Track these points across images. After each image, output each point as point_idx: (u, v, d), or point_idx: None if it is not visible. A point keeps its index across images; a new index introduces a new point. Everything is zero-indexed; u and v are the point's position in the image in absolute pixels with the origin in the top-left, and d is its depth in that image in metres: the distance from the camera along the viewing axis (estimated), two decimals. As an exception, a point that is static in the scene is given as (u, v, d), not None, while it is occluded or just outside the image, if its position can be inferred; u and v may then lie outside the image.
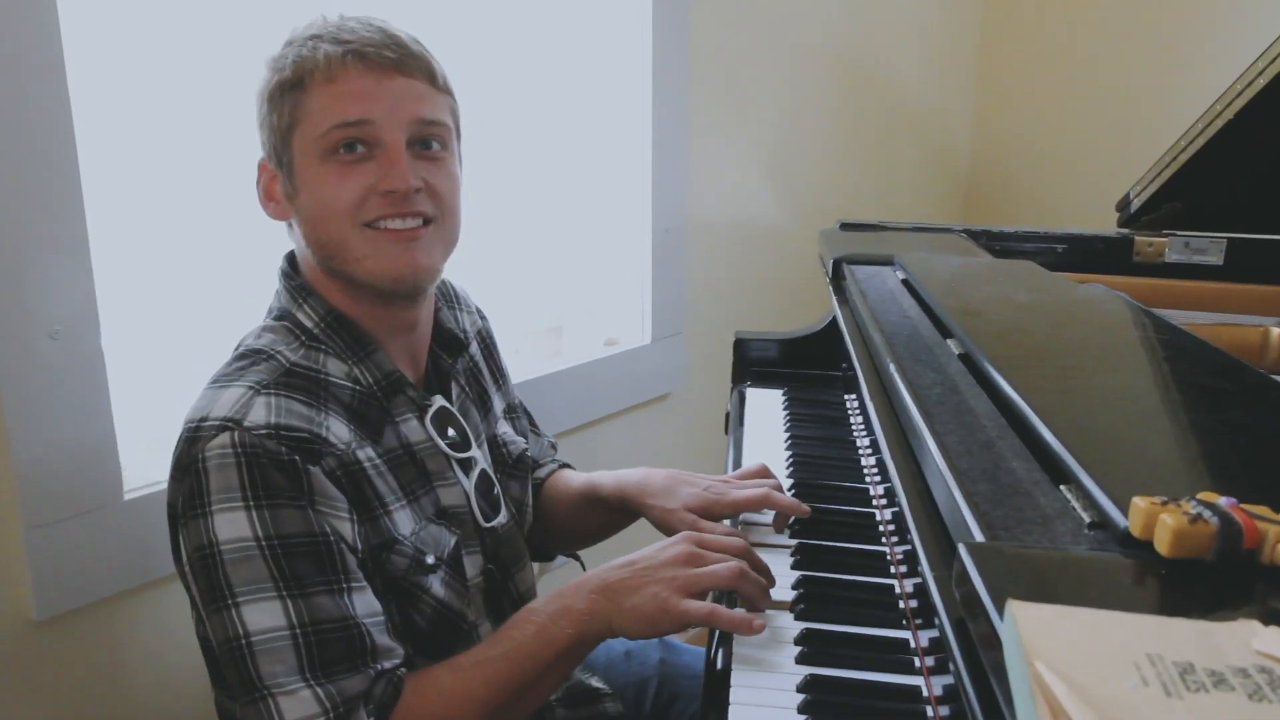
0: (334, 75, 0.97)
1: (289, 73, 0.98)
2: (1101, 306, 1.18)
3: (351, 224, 0.99)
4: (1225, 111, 1.56)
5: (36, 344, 1.16)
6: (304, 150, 0.99)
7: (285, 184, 1.02)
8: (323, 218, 1.00)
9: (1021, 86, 3.32)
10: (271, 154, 1.02)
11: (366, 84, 0.97)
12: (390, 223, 0.99)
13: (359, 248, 0.99)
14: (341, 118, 0.97)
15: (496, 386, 1.27)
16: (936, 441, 0.75)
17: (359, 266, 1.00)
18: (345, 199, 0.98)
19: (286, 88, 0.99)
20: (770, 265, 2.58)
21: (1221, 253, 1.79)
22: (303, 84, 0.98)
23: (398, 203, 0.99)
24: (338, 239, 1.00)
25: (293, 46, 1.00)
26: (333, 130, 0.97)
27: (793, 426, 1.48)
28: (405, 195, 0.98)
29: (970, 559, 0.53)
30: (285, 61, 0.99)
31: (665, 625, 0.95)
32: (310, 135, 0.98)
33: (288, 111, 0.99)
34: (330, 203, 0.98)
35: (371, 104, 0.97)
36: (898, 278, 1.42)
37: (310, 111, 0.98)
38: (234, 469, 0.89)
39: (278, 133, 1.00)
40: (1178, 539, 0.51)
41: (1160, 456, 0.69)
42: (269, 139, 1.02)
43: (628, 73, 2.10)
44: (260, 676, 0.88)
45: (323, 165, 0.98)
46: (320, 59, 0.97)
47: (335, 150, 0.98)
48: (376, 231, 0.99)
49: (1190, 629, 0.41)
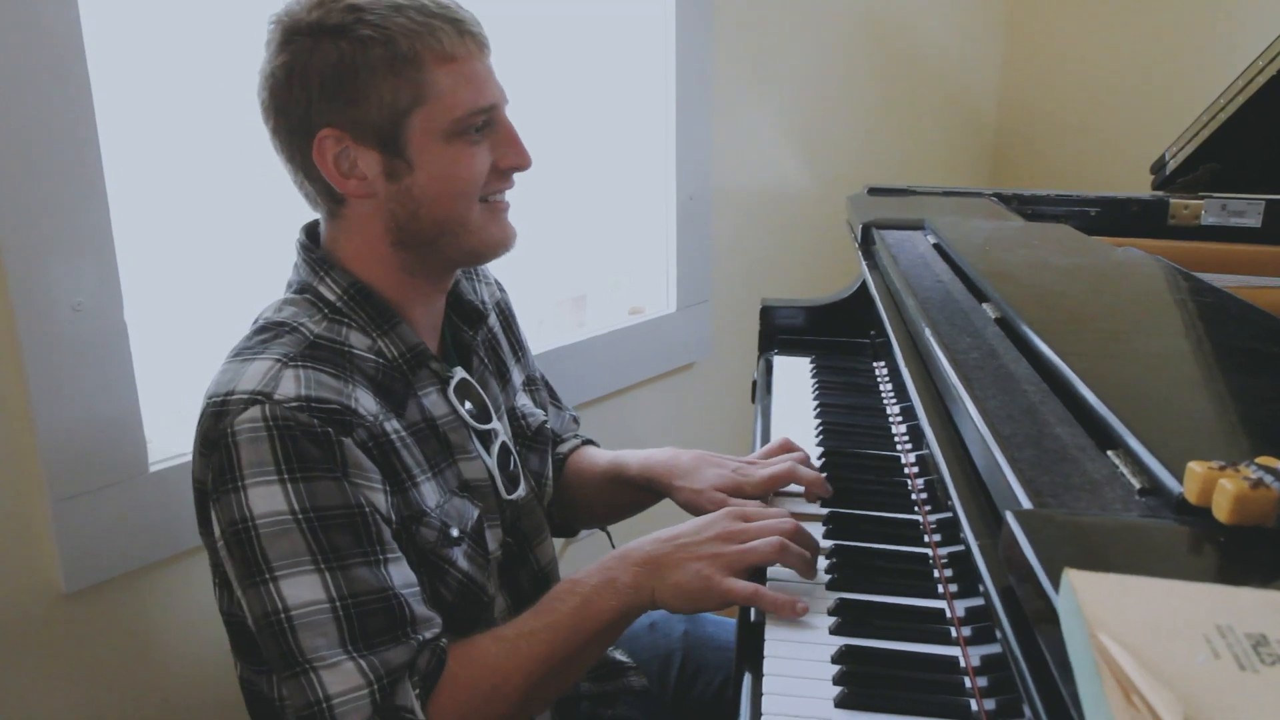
0: (455, 54, 0.96)
1: (401, 45, 0.94)
2: (1141, 270, 1.15)
3: (475, 199, 1.01)
4: (1268, 68, 1.52)
5: (60, 317, 1.16)
6: (427, 130, 0.97)
7: (386, 161, 0.97)
8: (448, 195, 1.00)
9: (1049, 48, 3.25)
10: (368, 129, 0.96)
11: (482, 66, 1.00)
12: (503, 196, 1.05)
13: (477, 219, 1.02)
14: (478, 103, 0.98)
15: (515, 359, 1.26)
16: (978, 407, 0.72)
17: (474, 238, 1.02)
18: (477, 176, 1.00)
19: (400, 62, 0.94)
20: (796, 231, 2.55)
21: (1260, 215, 1.75)
22: (419, 60, 0.94)
23: (509, 177, 1.04)
24: (460, 214, 1.01)
25: (368, 14, 0.94)
26: (471, 114, 0.98)
27: (821, 395, 1.46)
28: (522, 170, 1.04)
29: (1019, 526, 0.51)
30: (382, 32, 0.93)
31: (708, 603, 0.94)
32: (441, 116, 0.96)
33: (406, 90, 0.95)
34: (461, 181, 1.00)
35: (492, 87, 1.01)
36: (929, 242, 1.40)
37: (441, 92, 0.96)
38: (266, 442, 0.88)
39: (387, 109, 0.95)
40: (1239, 505, 0.49)
41: (1211, 421, 0.67)
42: (365, 114, 0.95)
43: (651, 39, 2.07)
44: (301, 650, 0.87)
45: (449, 145, 0.98)
46: (438, 35, 0.95)
47: (465, 131, 0.98)
48: (490, 204, 1.03)
49: (1260, 599, 0.39)
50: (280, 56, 0.96)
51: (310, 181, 1.01)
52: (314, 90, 0.95)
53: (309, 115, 0.96)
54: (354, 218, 1.01)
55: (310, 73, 0.95)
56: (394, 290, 1.03)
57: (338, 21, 0.94)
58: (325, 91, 0.95)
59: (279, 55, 0.96)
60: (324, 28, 0.94)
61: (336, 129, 0.96)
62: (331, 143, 0.96)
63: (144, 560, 1.28)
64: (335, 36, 0.94)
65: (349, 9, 0.94)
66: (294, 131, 0.98)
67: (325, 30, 0.94)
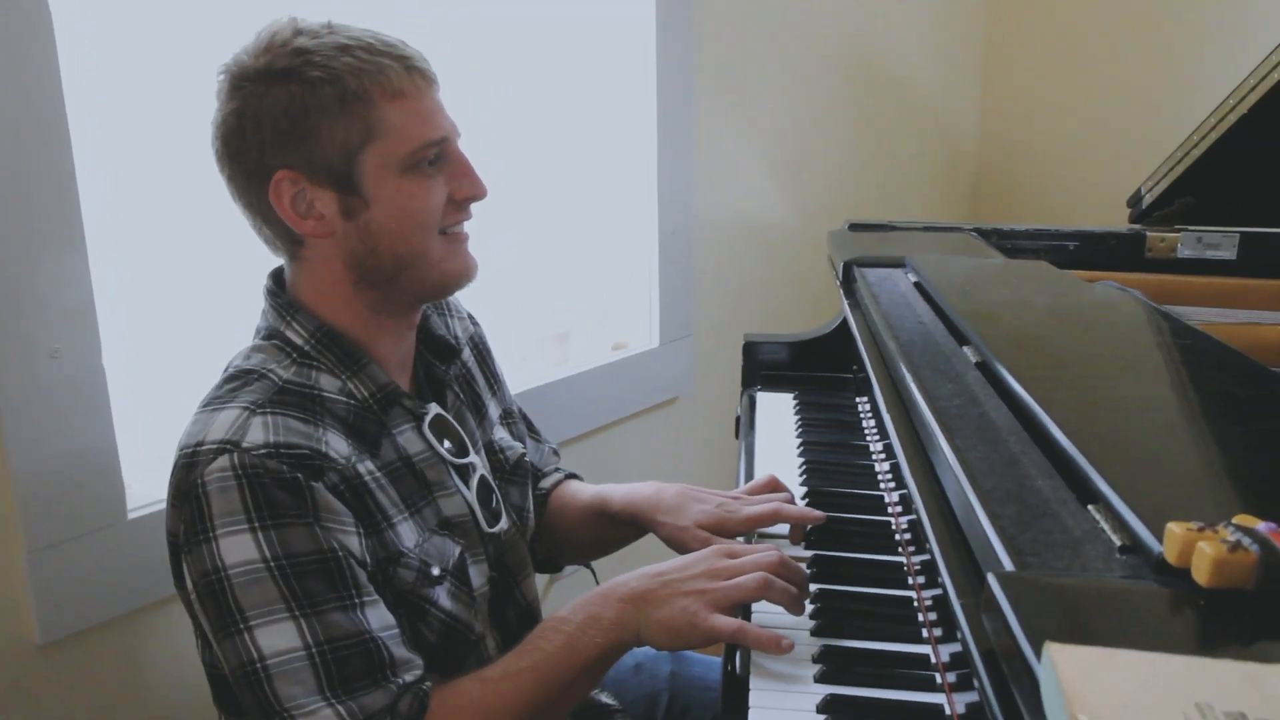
0: (403, 90, 0.97)
1: (350, 84, 0.94)
2: (1119, 310, 1.16)
3: (434, 232, 1.01)
4: (1239, 106, 1.54)
5: (37, 363, 1.15)
6: (381, 165, 0.97)
7: (342, 200, 0.98)
8: (406, 229, 1.00)
9: (1028, 83, 3.29)
10: (322, 169, 0.96)
11: (430, 100, 1.00)
12: (462, 227, 1.05)
13: (437, 252, 1.02)
14: (429, 136, 0.98)
15: (491, 392, 1.26)
16: (959, 459, 0.73)
17: (435, 270, 1.03)
18: (434, 208, 1.01)
19: (350, 100, 0.95)
20: (779, 265, 2.56)
21: (1235, 247, 1.77)
22: (368, 97, 0.95)
23: (466, 208, 1.04)
24: (419, 248, 1.01)
25: (315, 55, 0.94)
26: (423, 148, 0.98)
27: (804, 432, 1.46)
28: (478, 201, 1.05)
29: (1002, 591, 0.51)
30: (330, 72, 0.94)
31: (693, 639, 0.94)
32: (393, 151, 0.97)
33: (358, 127, 0.95)
34: (418, 214, 1.00)
35: (442, 119, 1.01)
36: (909, 280, 1.40)
37: (392, 127, 0.96)
38: (236, 491, 0.87)
39: (339, 147, 0.96)
40: (1217, 569, 0.49)
41: (1191, 473, 0.67)
42: (319, 154, 0.96)
43: (632, 75, 2.08)
44: (279, 699, 0.86)
45: (403, 179, 0.98)
46: (386, 73, 0.95)
47: (417, 165, 0.99)
48: (450, 235, 1.04)
49: (1238, 672, 0.39)
50: (231, 104, 0.96)
51: (268, 225, 1.01)
52: (266, 134, 0.95)
53: (263, 159, 0.96)
54: (314, 259, 1.02)
55: (262, 117, 0.95)
56: (361, 330, 1.03)
57: (285, 65, 0.94)
58: (278, 134, 0.95)
59: (229, 102, 0.96)
60: (272, 72, 0.95)
61: (292, 170, 0.96)
62: (287, 184, 0.96)
63: (122, 609, 1.26)
64: (284, 80, 0.94)
65: (296, 52, 0.95)
66: (250, 176, 0.98)
67: (274, 75, 0.95)
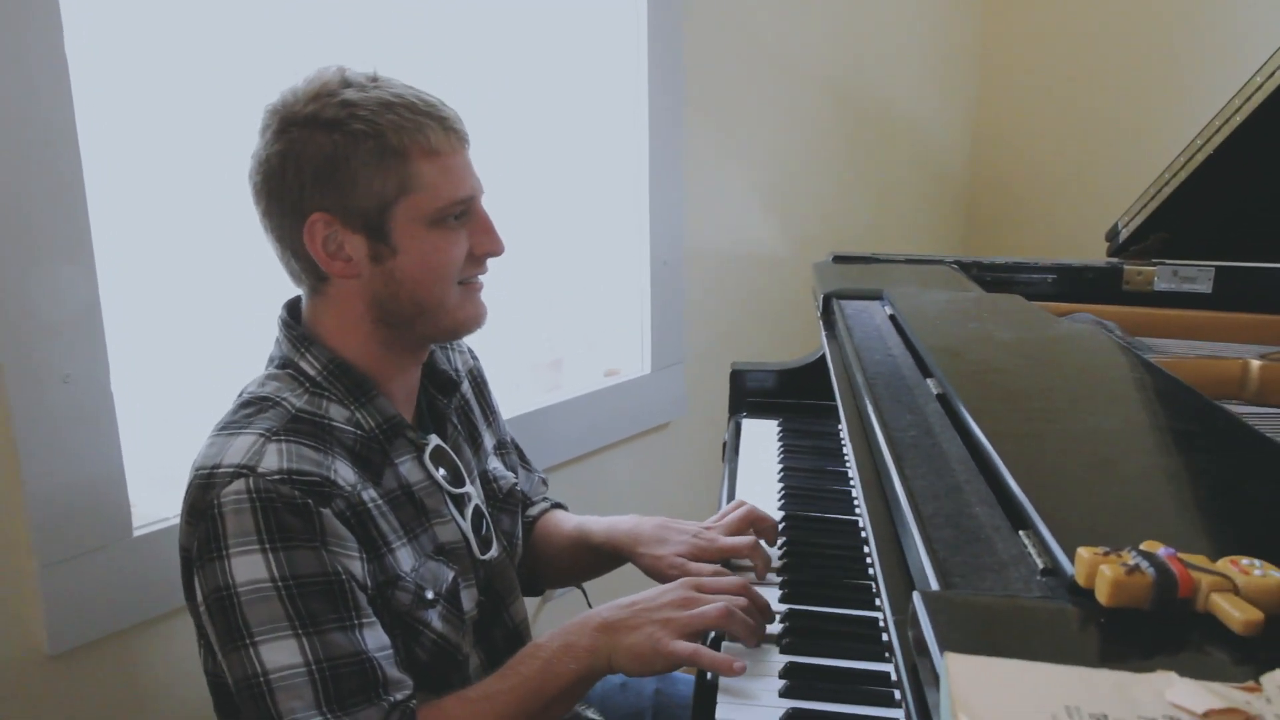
0: (439, 149, 1.04)
1: (391, 140, 1.01)
2: (1082, 344, 1.21)
3: (453, 282, 1.09)
4: (1205, 146, 1.60)
5: (50, 389, 1.21)
6: (412, 217, 1.04)
7: (372, 245, 1.04)
8: (428, 279, 1.06)
9: (1020, 110, 3.35)
10: (356, 215, 1.03)
11: (462, 160, 1.07)
12: (479, 278, 1.13)
13: (453, 300, 1.09)
14: (458, 194, 1.06)
15: (487, 423, 1.32)
16: (904, 486, 0.78)
17: (450, 318, 1.10)
18: (455, 260, 1.08)
19: (389, 155, 1.01)
20: (769, 293, 2.61)
21: (1210, 281, 1.82)
22: (407, 153, 1.02)
23: (484, 262, 1.12)
24: (439, 296, 1.08)
25: (360, 109, 1.01)
26: (452, 204, 1.05)
27: (785, 458, 1.52)
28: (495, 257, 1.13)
29: (923, 607, 0.56)
30: (373, 127, 1.00)
31: (658, 664, 1.00)
32: (425, 205, 1.04)
33: (394, 180, 1.02)
34: (442, 266, 1.07)
35: (471, 179, 1.09)
36: (885, 313, 1.46)
37: (426, 184, 1.03)
38: (249, 514, 0.93)
39: (375, 197, 1.02)
40: (1116, 589, 0.54)
41: (1115, 503, 0.72)
42: (354, 201, 1.02)
43: (623, 106, 2.14)
44: (279, 712, 0.92)
45: (431, 231, 1.05)
46: (425, 131, 1.02)
47: (444, 220, 1.06)
48: (467, 286, 1.11)
49: (1110, 680, 0.45)
50: (276, 144, 1.02)
51: (297, 260, 1.07)
52: (307, 177, 1.02)
53: (301, 200, 1.03)
54: (337, 296, 1.08)
55: (305, 161, 1.01)
56: (372, 364, 1.09)
57: (333, 116, 1.01)
58: (318, 179, 1.02)
59: (275, 143, 1.02)
60: (319, 120, 1.01)
61: (327, 214, 1.02)
62: (322, 226, 1.03)
63: (127, 622, 1.32)
64: (330, 129, 1.01)
65: (343, 104, 1.01)
66: (286, 214, 1.04)
67: (321, 123, 1.01)
